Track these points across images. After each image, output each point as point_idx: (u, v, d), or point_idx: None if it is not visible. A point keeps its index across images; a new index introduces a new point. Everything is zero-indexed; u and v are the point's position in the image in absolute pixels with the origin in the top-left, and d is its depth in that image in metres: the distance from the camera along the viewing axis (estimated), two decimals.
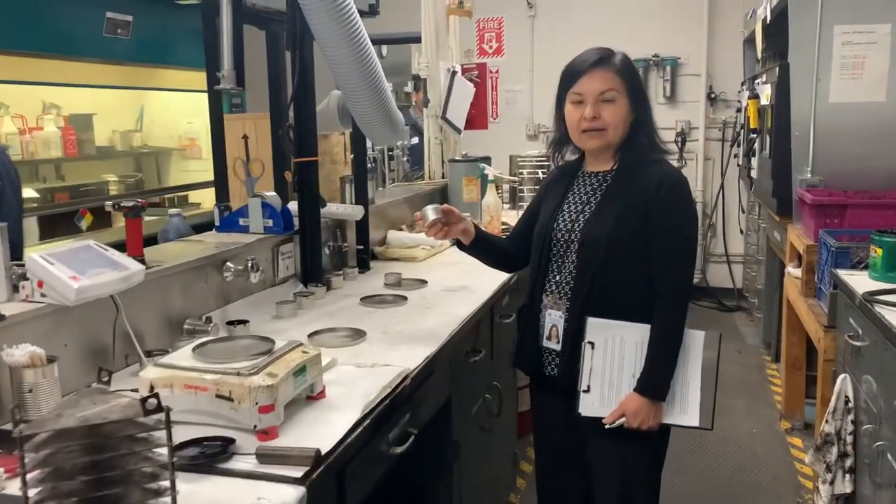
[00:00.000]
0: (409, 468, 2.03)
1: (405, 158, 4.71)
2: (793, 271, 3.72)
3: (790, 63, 3.81)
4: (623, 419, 1.89)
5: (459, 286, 2.70)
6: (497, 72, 7.14)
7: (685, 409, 1.91)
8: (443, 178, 4.36)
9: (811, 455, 2.69)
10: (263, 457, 1.29)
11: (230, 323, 2.08)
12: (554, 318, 2.00)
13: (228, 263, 2.18)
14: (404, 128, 2.80)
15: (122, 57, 4.74)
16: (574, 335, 1.94)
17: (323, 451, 1.35)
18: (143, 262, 1.89)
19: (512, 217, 3.91)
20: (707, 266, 6.82)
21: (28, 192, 4.36)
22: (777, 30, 4.32)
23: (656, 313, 1.88)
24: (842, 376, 2.59)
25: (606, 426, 1.91)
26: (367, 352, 1.95)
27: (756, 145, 4.73)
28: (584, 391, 1.94)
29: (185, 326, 1.99)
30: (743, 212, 6.50)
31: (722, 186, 6.63)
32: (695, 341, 1.93)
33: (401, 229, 3.54)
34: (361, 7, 2.77)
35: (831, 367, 2.87)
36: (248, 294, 2.34)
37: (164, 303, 1.95)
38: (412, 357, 1.91)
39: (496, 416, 2.71)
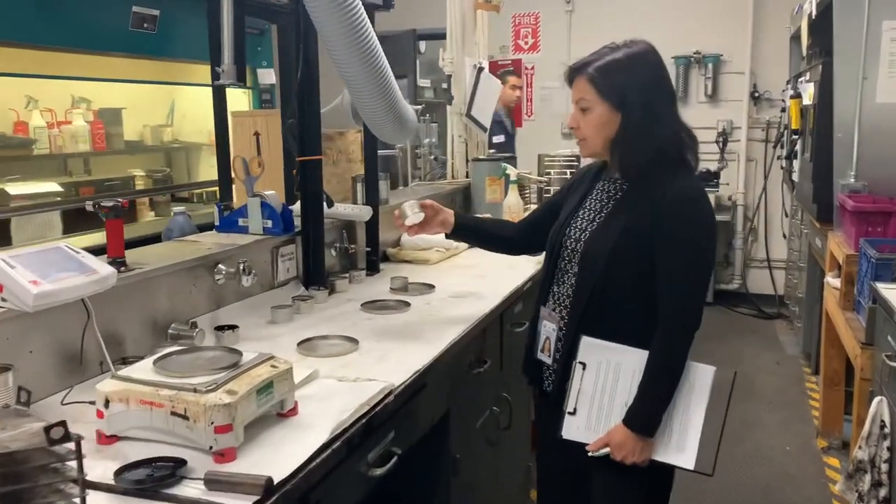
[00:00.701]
0: (400, 487, 1.92)
1: (432, 157, 4.60)
2: (832, 281, 3.51)
3: (834, 61, 3.59)
4: (607, 449, 1.76)
5: (468, 292, 2.58)
6: (532, 68, 7.00)
7: (682, 448, 1.75)
8: (466, 177, 4.24)
9: (842, 483, 2.51)
10: (212, 483, 1.19)
11: (219, 328, 2.00)
12: (548, 331, 1.91)
13: (220, 266, 2.10)
14: (415, 126, 2.69)
15: (148, 52, 4.72)
16: (567, 352, 1.83)
17: (282, 477, 1.25)
18: (123, 264, 1.82)
19: None
20: (747, 271, 6.58)
21: (51, 186, 4.38)
22: (824, 25, 4.09)
23: (655, 341, 1.73)
24: (878, 399, 2.40)
25: (590, 454, 1.78)
26: (355, 363, 1.84)
27: (798, 147, 4.50)
28: (570, 413, 1.81)
29: (170, 331, 1.91)
30: (786, 216, 6.23)
31: (765, 189, 6.37)
32: (702, 377, 1.77)
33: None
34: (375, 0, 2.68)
35: (868, 386, 2.68)
36: (246, 297, 2.26)
37: (147, 306, 1.88)
38: (403, 369, 1.80)
39: (505, 429, 2.59)
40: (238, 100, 5.89)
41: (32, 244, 4.01)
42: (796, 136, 4.50)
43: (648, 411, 1.74)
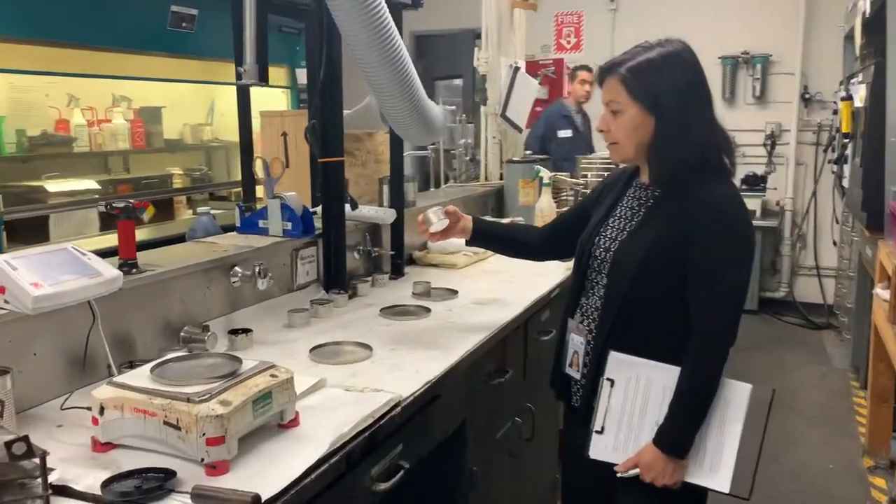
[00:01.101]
0: (412, 501, 1.86)
1: (468, 157, 4.53)
2: (881, 293, 3.33)
3: (888, 61, 3.42)
4: (637, 469, 1.68)
5: (492, 298, 2.51)
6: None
7: (716, 470, 1.66)
8: (500, 179, 4.16)
9: None
10: (198, 497, 1.15)
11: (233, 332, 1.97)
12: (576, 344, 1.83)
13: (237, 268, 2.07)
14: (442, 126, 2.63)
15: (186, 51, 4.76)
16: (595, 367, 1.75)
17: (273, 493, 1.20)
18: (135, 265, 1.80)
19: None
20: (795, 279, 6.36)
21: (89, 184, 4.44)
22: (878, 25, 3.90)
23: (687, 358, 1.64)
24: None
25: (619, 475, 1.70)
26: (366, 371, 1.79)
27: (848, 151, 4.31)
28: (597, 432, 1.73)
29: (182, 334, 1.89)
30: (837, 222, 6.00)
31: (814, 194, 6.15)
32: (738, 395, 1.67)
33: None
34: None
35: None
36: (265, 299, 2.23)
37: (159, 309, 1.85)
38: (416, 379, 1.74)
39: (528, 440, 2.51)
40: (277, 100, 5.92)
41: (72, 241, 4.09)
42: (847, 140, 4.31)
43: (680, 431, 1.65)
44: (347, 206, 2.62)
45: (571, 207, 2.14)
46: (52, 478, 1.19)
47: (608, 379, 1.70)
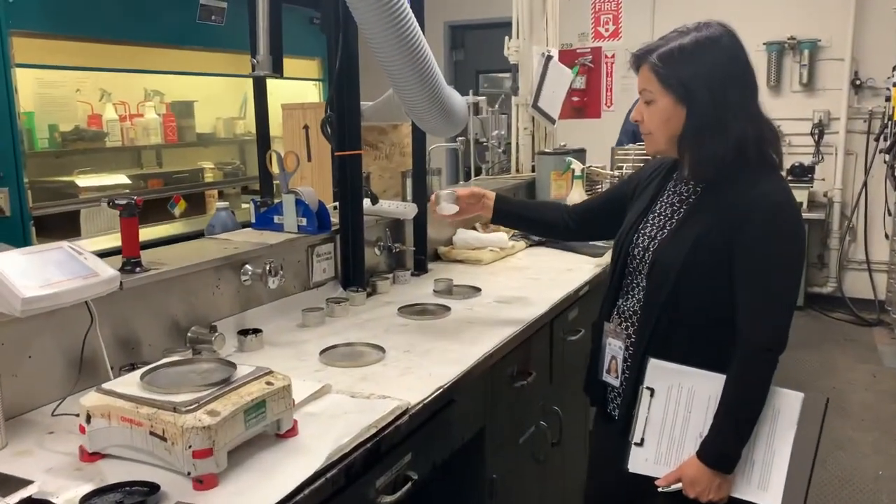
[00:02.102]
0: None
1: (501, 149, 4.42)
2: None
3: None
4: (679, 484, 1.58)
5: (516, 297, 2.40)
6: (613, 56, 6.70)
7: (765, 487, 1.56)
8: (532, 171, 4.04)
9: None
10: None
11: (242, 332, 1.91)
12: (614, 349, 1.74)
13: (247, 266, 2.00)
14: (464, 118, 2.52)
15: (217, 45, 4.74)
16: (635, 375, 1.65)
17: None
18: (139, 264, 1.74)
19: None
20: (844, 273, 6.10)
21: (120, 178, 4.45)
22: None
23: (733, 365, 1.53)
24: None
25: (660, 489, 1.60)
26: (376, 375, 1.71)
27: None
28: (637, 444, 1.63)
29: (189, 334, 1.82)
30: (889, 214, 5.73)
31: (865, 185, 5.87)
32: (789, 404, 1.56)
33: (474, 228, 3.27)
34: None
35: None
36: (280, 297, 2.17)
37: (165, 309, 1.80)
38: (427, 383, 1.65)
39: (555, 445, 2.40)
40: (309, 92, 5.89)
41: (102, 235, 4.10)
42: None
43: (726, 444, 1.55)
44: (367, 201, 2.54)
45: (604, 192, 2.09)
46: (32, 491, 1.14)
47: (648, 388, 1.61)
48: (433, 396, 1.59)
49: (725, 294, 1.55)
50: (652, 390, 1.60)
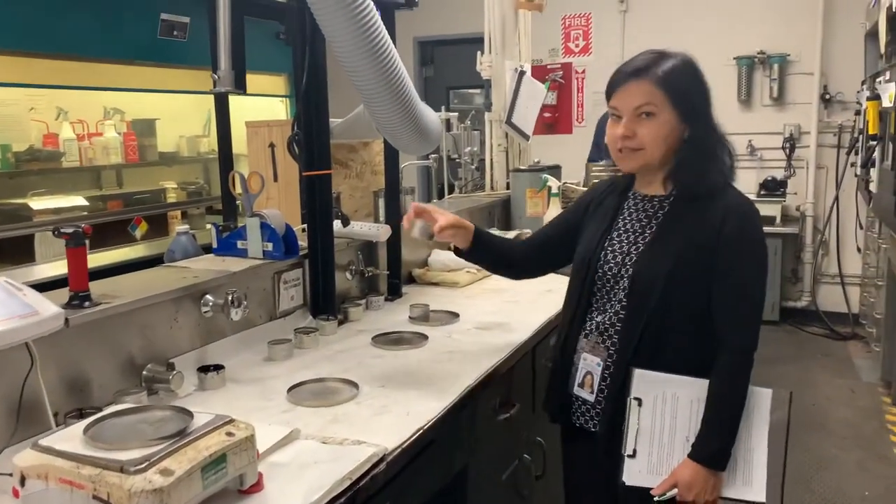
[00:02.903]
0: None
1: (474, 166, 4.31)
2: None
3: None
4: (674, 490, 1.60)
5: (496, 322, 2.29)
6: (583, 72, 6.66)
7: (748, 482, 1.62)
8: (507, 188, 3.94)
9: None
10: None
11: (203, 369, 1.76)
12: (589, 365, 1.73)
13: (208, 296, 1.86)
14: (438, 135, 2.41)
15: (179, 61, 4.57)
16: (618, 388, 1.66)
17: None
18: (87, 298, 1.59)
19: None
20: (817, 287, 6.09)
21: (77, 200, 4.26)
22: None
23: (719, 369, 1.60)
24: None
25: (656, 498, 1.61)
26: (349, 416, 1.57)
27: (876, 154, 4.06)
28: (630, 456, 1.63)
29: (145, 373, 1.68)
30: (861, 227, 5.74)
31: (836, 199, 5.88)
32: (760, 401, 1.64)
33: (449, 248, 3.15)
34: None
35: None
36: (245, 329, 2.02)
37: (118, 346, 1.64)
38: (406, 424, 1.52)
39: (539, 478, 2.28)
40: (276, 109, 5.74)
41: (58, 260, 3.90)
42: (874, 143, 4.06)
43: (720, 442, 1.60)
44: (338, 223, 2.41)
45: (553, 223, 2.01)
46: None
47: (635, 398, 1.62)
48: (412, 440, 1.46)
49: (703, 302, 1.61)
50: (640, 400, 1.62)
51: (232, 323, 1.95)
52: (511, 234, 3.32)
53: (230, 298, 1.82)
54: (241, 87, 2.09)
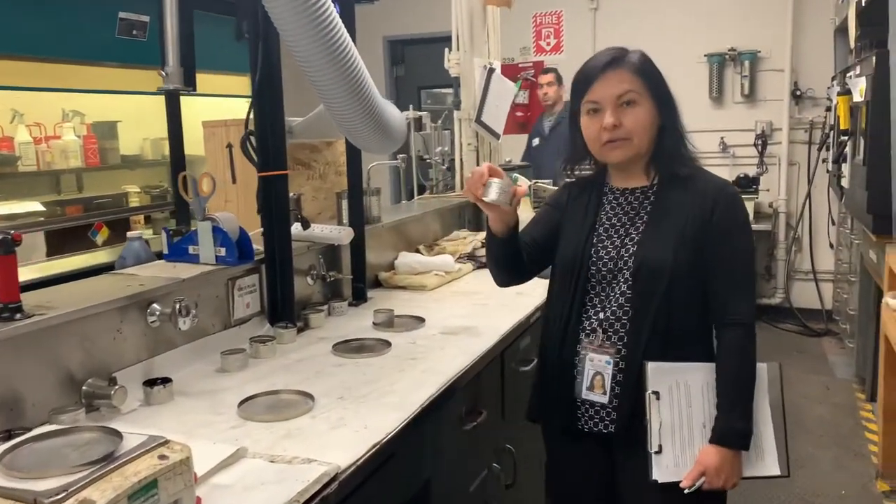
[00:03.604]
0: None
1: (445, 166, 4.23)
2: (892, 302, 3.05)
3: (891, 50, 3.15)
4: (702, 479, 1.58)
5: (463, 326, 2.20)
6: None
7: (762, 456, 1.63)
8: None
9: None
10: None
11: (149, 382, 1.66)
12: (598, 365, 1.67)
13: (155, 305, 1.75)
14: (402, 134, 2.33)
15: (139, 61, 4.43)
16: (633, 384, 1.63)
17: None
18: (19, 310, 1.49)
19: None
20: (791, 284, 6.08)
21: (33, 206, 4.11)
22: (874, 16, 3.64)
23: (728, 348, 1.62)
24: None
25: (686, 490, 1.58)
26: (303, 431, 1.48)
27: (847, 149, 4.04)
28: (656, 452, 1.61)
29: (85, 389, 1.57)
30: (833, 223, 5.74)
31: (808, 195, 5.87)
32: (759, 375, 1.65)
33: (417, 250, 3.07)
34: None
35: None
36: (198, 338, 1.92)
37: (55, 360, 1.54)
38: (362, 439, 1.43)
39: (509, 487, 2.20)
40: (240, 110, 5.60)
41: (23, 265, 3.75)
42: (845, 138, 4.04)
43: (741, 421, 1.60)
44: (298, 226, 2.32)
45: (539, 224, 1.86)
46: None
47: (653, 392, 1.60)
48: (367, 456, 1.37)
49: (701, 284, 1.62)
50: (657, 394, 1.60)
51: (182, 332, 1.85)
52: (482, 235, 3.24)
53: (178, 307, 1.72)
54: (190, 85, 2.00)
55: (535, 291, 2.60)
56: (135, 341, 1.72)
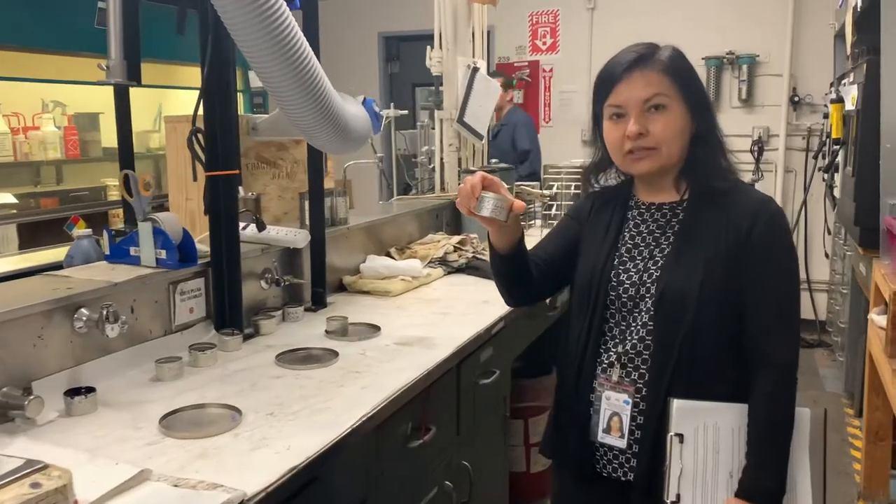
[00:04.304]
0: None
1: (431, 166, 4.13)
2: (876, 319, 2.95)
3: (882, 59, 3.04)
4: None
5: (418, 337, 2.11)
6: (551, 70, 6.50)
7: None
8: None
9: None
10: None
11: (70, 392, 1.57)
12: (616, 404, 1.50)
13: (83, 310, 1.67)
14: (365, 133, 2.24)
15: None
16: (654, 426, 1.45)
17: None
18: None
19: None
20: None
21: (4, 198, 4.04)
22: (872, 22, 3.53)
23: (760, 390, 1.41)
24: None
25: None
26: (220, 450, 1.39)
27: (839, 159, 3.94)
28: (673, 502, 1.42)
29: None
30: (829, 233, 5.62)
31: (805, 203, 5.77)
32: (801, 421, 1.45)
33: (388, 253, 2.98)
34: None
35: None
36: (137, 343, 1.84)
37: None
38: (282, 461, 1.34)
39: None
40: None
41: None
42: (837, 146, 3.94)
43: (773, 477, 1.40)
44: (253, 227, 2.24)
45: (556, 239, 1.70)
46: None
47: (676, 434, 1.41)
48: (281, 482, 1.28)
49: (736, 314, 1.44)
50: (681, 436, 1.42)
51: (118, 338, 1.77)
52: (456, 239, 3.16)
53: (105, 313, 1.64)
54: (134, 79, 1.92)
55: (501, 299, 2.52)
56: (58, 348, 1.64)
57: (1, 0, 3.95)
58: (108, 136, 4.99)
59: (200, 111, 1.97)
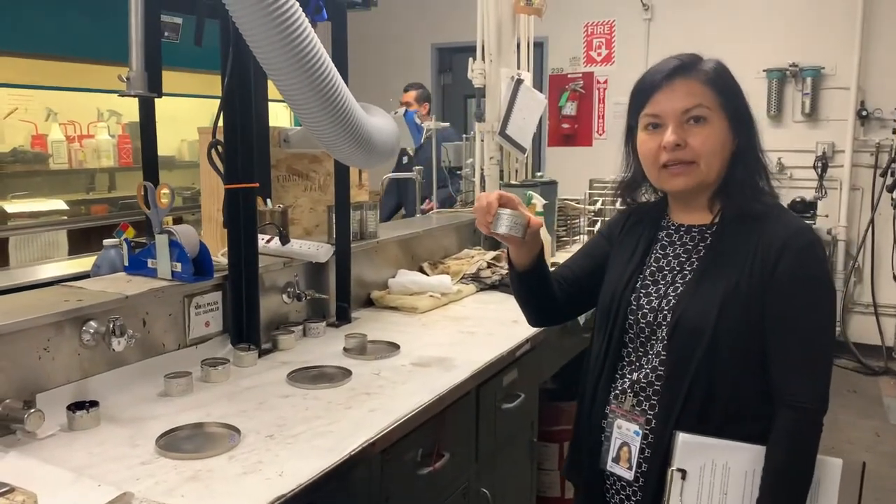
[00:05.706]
0: None
1: (475, 178, 4.07)
2: None
3: None
4: None
5: (437, 358, 2.04)
6: (605, 82, 6.37)
7: None
8: None
9: None
10: None
11: (73, 406, 1.55)
12: (626, 434, 1.42)
13: (91, 322, 1.66)
14: (392, 147, 2.18)
15: (173, 63, 4.40)
16: (661, 461, 1.36)
17: None
18: None
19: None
20: (848, 317, 5.67)
21: (56, 204, 4.14)
22: None
23: (780, 433, 1.30)
24: None
25: None
26: (213, 473, 1.35)
27: None
28: None
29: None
30: None
31: (872, 222, 5.47)
32: (830, 473, 1.36)
33: (421, 268, 2.92)
34: None
35: None
36: (148, 357, 1.82)
37: None
38: (274, 487, 1.29)
39: None
40: (280, 115, 5.59)
41: (35, 265, 3.79)
42: None
43: None
44: (276, 241, 2.21)
45: (584, 257, 1.63)
46: None
47: (678, 469, 1.33)
48: None
49: (758, 348, 1.33)
50: (683, 472, 1.33)
51: (130, 351, 1.75)
52: (490, 255, 3.08)
53: (111, 326, 1.62)
54: (155, 90, 1.91)
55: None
56: (65, 360, 1.63)
57: (59, 13, 4.07)
58: (162, 145, 5.07)
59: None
